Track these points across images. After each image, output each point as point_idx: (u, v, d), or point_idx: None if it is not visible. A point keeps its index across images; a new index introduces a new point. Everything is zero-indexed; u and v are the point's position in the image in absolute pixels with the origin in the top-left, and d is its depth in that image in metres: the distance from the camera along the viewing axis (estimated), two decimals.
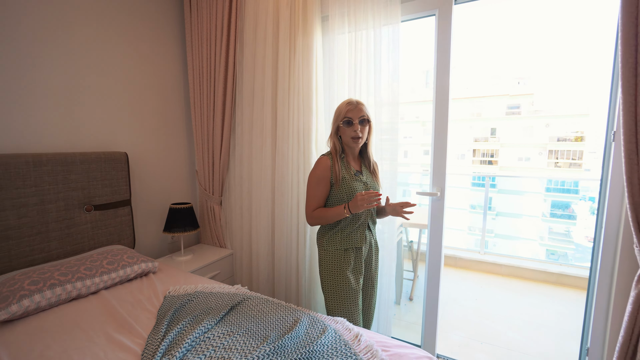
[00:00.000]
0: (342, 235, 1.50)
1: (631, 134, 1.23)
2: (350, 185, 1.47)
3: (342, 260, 1.50)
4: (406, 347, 1.19)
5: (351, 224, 1.49)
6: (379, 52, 1.74)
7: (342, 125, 1.46)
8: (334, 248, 1.51)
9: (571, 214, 16.48)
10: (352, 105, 1.44)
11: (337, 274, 1.50)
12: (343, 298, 1.50)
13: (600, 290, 1.50)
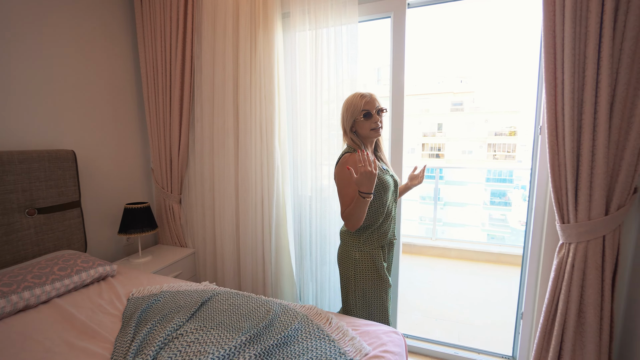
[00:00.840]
0: (379, 233, 1.43)
1: (553, 128, 1.45)
2: (384, 179, 1.40)
3: (379, 259, 1.43)
4: (373, 325, 1.29)
5: (387, 218, 1.44)
6: (339, 50, 1.82)
7: (362, 118, 1.39)
8: (371, 247, 1.42)
9: (507, 201, 18.35)
10: (367, 97, 1.39)
11: (375, 275, 1.42)
12: (383, 299, 1.45)
13: (532, 262, 1.75)
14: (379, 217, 1.42)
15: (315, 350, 1.13)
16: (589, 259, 1.42)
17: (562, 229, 1.47)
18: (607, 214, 1.39)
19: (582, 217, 1.41)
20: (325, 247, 2.02)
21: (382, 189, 1.39)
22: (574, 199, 1.43)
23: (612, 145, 1.36)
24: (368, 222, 1.42)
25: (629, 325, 1.50)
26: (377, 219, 1.42)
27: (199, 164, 2.25)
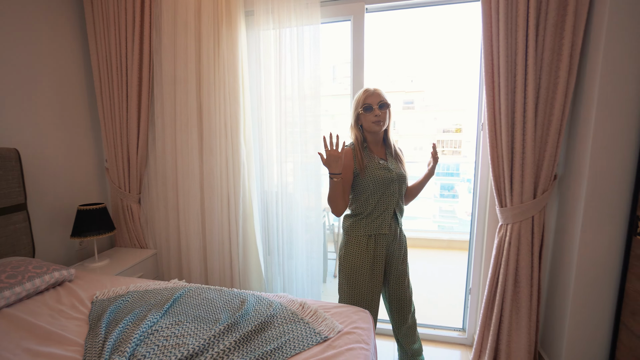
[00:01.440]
0: (366, 222, 1.48)
1: (492, 125, 1.66)
2: (375, 174, 1.45)
3: (365, 247, 1.48)
4: (344, 307, 1.40)
5: (376, 211, 1.48)
6: (302, 50, 1.89)
7: (362, 111, 1.45)
8: (357, 234, 1.49)
9: (455, 194, 19.87)
10: (370, 92, 1.45)
11: (357, 260, 1.49)
12: (359, 285, 1.49)
13: (477, 243, 1.98)
14: (367, 207, 1.48)
15: (291, 332, 1.20)
16: (522, 237, 1.66)
17: (501, 212, 1.70)
18: (534, 197, 1.64)
19: (516, 201, 1.65)
20: (292, 240, 2.09)
21: (370, 181, 1.45)
22: (510, 186, 1.66)
23: (538, 140, 1.61)
24: (357, 210, 1.51)
25: (552, 289, 1.78)
26: (366, 208, 1.48)
27: (160, 162, 2.19)
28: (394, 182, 1.47)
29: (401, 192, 1.51)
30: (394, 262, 1.56)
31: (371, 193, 1.46)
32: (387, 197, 1.47)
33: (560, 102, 1.54)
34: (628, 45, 1.40)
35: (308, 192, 2.02)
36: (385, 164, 1.48)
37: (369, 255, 1.48)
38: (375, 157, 1.49)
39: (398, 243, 1.55)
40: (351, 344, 1.14)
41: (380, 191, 1.46)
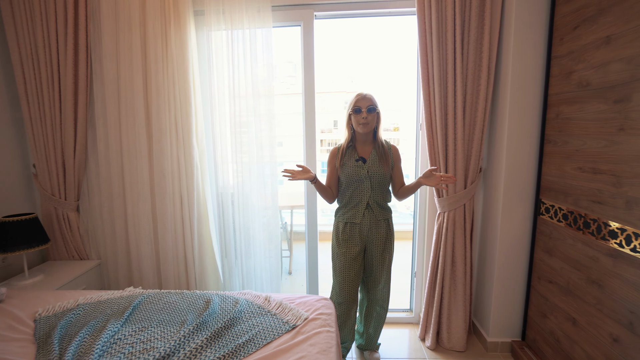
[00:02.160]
0: (344, 211, 1.71)
1: (429, 126, 1.89)
2: (348, 171, 1.64)
3: (341, 231, 1.71)
4: (307, 297, 1.49)
5: (350, 203, 1.68)
6: (255, 51, 1.93)
7: (352, 113, 1.62)
8: (337, 220, 1.74)
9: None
10: (361, 96, 1.61)
11: (335, 241, 1.74)
12: (336, 261, 1.73)
13: (419, 231, 2.22)
14: (344, 198, 1.71)
15: (261, 325, 1.26)
16: (457, 222, 1.92)
17: (439, 202, 1.94)
18: (465, 187, 1.90)
19: (451, 191, 1.90)
20: (249, 239, 2.11)
21: (345, 177, 1.66)
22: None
23: (466, 138, 1.87)
24: (339, 200, 1.75)
25: (481, 265, 2.08)
26: (343, 199, 1.72)
27: (104, 165, 2.05)
28: (366, 179, 1.63)
29: (375, 188, 1.65)
30: (373, 249, 1.71)
31: (346, 187, 1.68)
32: (360, 192, 1.65)
33: (482, 106, 1.81)
34: (530, 61, 1.72)
35: (265, 191, 2.06)
36: (360, 163, 1.65)
37: (344, 238, 1.69)
38: (355, 156, 1.66)
39: (376, 233, 1.69)
40: (317, 329, 1.24)
41: (353, 186, 1.65)
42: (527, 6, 1.69)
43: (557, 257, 1.63)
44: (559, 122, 1.62)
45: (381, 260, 1.72)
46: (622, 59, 1.27)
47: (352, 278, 1.70)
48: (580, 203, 1.48)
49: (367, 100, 1.60)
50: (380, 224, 1.69)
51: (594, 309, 1.40)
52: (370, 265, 1.75)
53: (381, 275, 1.75)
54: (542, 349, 1.75)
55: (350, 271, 1.69)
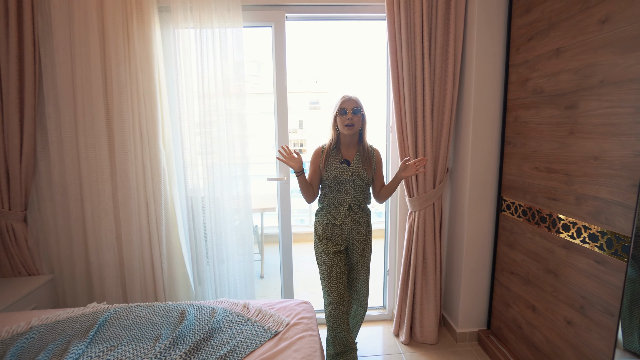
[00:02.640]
0: (325, 212, 1.69)
1: (400, 128, 1.95)
2: (332, 173, 1.63)
3: (322, 231, 1.70)
4: (287, 301, 1.47)
5: (332, 204, 1.67)
6: (225, 51, 1.87)
7: (338, 114, 1.61)
8: (319, 220, 1.73)
9: None
10: (347, 98, 1.61)
11: (317, 240, 1.72)
12: (320, 262, 1.71)
13: (391, 229, 2.29)
14: (326, 199, 1.70)
15: (242, 334, 1.23)
16: (427, 220, 2.00)
17: (410, 201, 2.02)
18: (434, 187, 1.99)
19: (421, 191, 1.97)
20: (221, 244, 2.05)
21: (328, 178, 1.65)
22: (416, 179, 1.97)
23: (435, 139, 1.96)
24: (320, 200, 1.74)
25: (449, 260, 2.19)
26: (325, 200, 1.70)
27: (57, 171, 1.87)
28: (349, 181, 1.64)
29: (357, 191, 1.66)
30: (354, 249, 1.73)
31: (329, 188, 1.67)
32: (343, 194, 1.65)
33: (449, 109, 1.91)
34: (490, 68, 1.84)
35: (237, 193, 2.01)
36: (344, 166, 1.64)
37: (325, 237, 1.69)
38: (339, 158, 1.66)
39: (356, 235, 1.70)
40: (300, 333, 1.23)
41: (336, 188, 1.65)
42: (486, 17, 1.80)
43: (518, 250, 1.76)
44: (517, 125, 1.75)
45: (361, 260, 1.74)
46: (570, 70, 1.40)
47: (338, 274, 1.66)
48: (537, 200, 1.62)
49: (353, 102, 1.60)
50: (361, 225, 1.71)
51: (551, 296, 1.54)
52: (350, 265, 1.76)
53: (360, 273, 1.76)
54: (506, 336, 1.88)
55: (335, 267, 1.67)
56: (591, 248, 1.31)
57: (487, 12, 1.80)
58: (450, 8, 1.82)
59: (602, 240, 1.27)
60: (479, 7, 1.79)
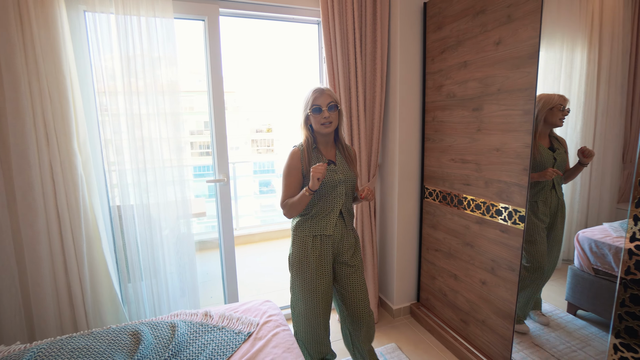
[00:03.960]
0: (312, 222, 1.46)
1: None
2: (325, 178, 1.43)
3: (310, 246, 1.45)
4: (249, 303, 1.44)
5: (321, 212, 1.45)
6: (155, 43, 1.70)
7: (311, 113, 1.40)
8: (303, 234, 1.46)
9: (272, 189, 21.74)
10: (319, 92, 1.40)
11: (303, 259, 1.45)
12: (307, 282, 1.45)
13: None
14: (312, 208, 1.46)
15: (212, 342, 1.16)
16: (364, 211, 2.19)
17: None
18: (369, 180, 2.19)
19: (358, 184, 2.15)
20: (157, 256, 1.85)
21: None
22: None
23: (368, 138, 2.16)
24: (305, 212, 1.48)
25: (382, 245, 2.44)
26: (311, 209, 1.46)
27: None
28: (340, 184, 1.46)
29: (348, 194, 1.50)
30: (342, 260, 1.52)
31: (316, 195, 1.45)
32: (333, 199, 1.46)
33: (378, 110, 2.13)
34: (411, 75, 2.12)
35: (175, 199, 1.85)
36: (333, 167, 1.47)
37: (315, 253, 1.45)
38: (323, 159, 1.48)
39: (347, 243, 1.52)
40: (273, 330, 1.24)
41: (325, 192, 1.45)
42: (406, 31, 2.07)
43: (440, 230, 2.09)
44: (435, 124, 2.07)
45: (352, 266, 1.53)
46: (475, 79, 1.74)
47: (326, 319, 1.50)
48: (454, 186, 1.95)
49: (327, 96, 1.40)
50: (349, 233, 1.53)
51: (469, 264, 1.88)
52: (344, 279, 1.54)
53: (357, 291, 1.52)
54: (434, 304, 2.20)
55: (327, 308, 1.48)
56: (497, 221, 1.66)
57: (406, 26, 2.07)
58: (377, 20, 2.04)
59: (505, 214, 1.62)
60: (401, 21, 2.05)
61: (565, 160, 1.56)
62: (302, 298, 1.47)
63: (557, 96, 1.53)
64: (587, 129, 1.58)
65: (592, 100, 1.55)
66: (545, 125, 1.55)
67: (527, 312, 1.74)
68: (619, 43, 1.55)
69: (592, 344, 1.58)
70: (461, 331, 1.97)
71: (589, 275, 1.58)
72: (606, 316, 1.50)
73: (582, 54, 1.57)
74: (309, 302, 1.47)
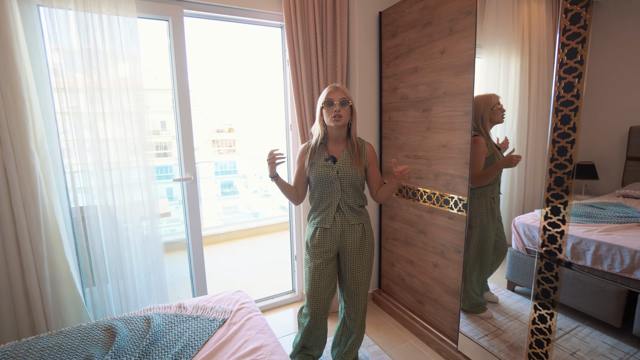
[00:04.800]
0: (315, 214, 1.59)
1: (301, 126, 2.20)
2: (318, 171, 1.53)
3: (311, 237, 1.59)
4: (222, 294, 1.51)
5: (320, 206, 1.57)
6: (117, 41, 1.69)
7: (324, 106, 1.50)
8: (309, 226, 1.62)
9: (235, 190, 21.27)
10: (333, 88, 1.51)
11: (305, 247, 1.64)
12: (305, 269, 1.62)
13: (297, 218, 2.53)
14: (313, 201, 1.60)
15: (189, 330, 1.22)
16: None
17: None
18: None
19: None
20: (124, 257, 1.84)
21: (313, 177, 1.55)
22: None
23: None
24: (310, 202, 1.63)
25: None
26: (312, 201, 1.61)
27: None
28: (336, 180, 1.52)
29: (346, 190, 1.53)
30: (348, 251, 1.57)
31: (315, 188, 1.57)
32: (329, 194, 1.53)
33: None
34: (369, 78, 2.29)
35: (142, 199, 1.85)
36: (329, 163, 1.53)
37: (314, 243, 1.57)
38: (325, 155, 1.55)
39: (350, 237, 1.55)
40: (247, 315, 1.32)
41: (321, 187, 1.54)
42: (364, 37, 2.24)
43: (398, 221, 2.28)
44: (391, 124, 2.26)
45: (358, 261, 1.58)
46: (425, 83, 1.94)
47: (321, 288, 1.58)
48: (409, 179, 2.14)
49: (340, 92, 1.49)
50: (355, 229, 1.56)
51: (423, 250, 2.08)
52: (343, 271, 1.63)
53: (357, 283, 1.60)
54: (393, 289, 2.40)
55: (320, 279, 1.57)
56: (445, 209, 1.88)
57: (364, 33, 2.23)
58: (337, 26, 2.18)
59: (451, 203, 1.84)
60: (359, 28, 2.21)
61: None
62: (308, 279, 1.61)
63: (494, 96, 1.75)
64: (522, 128, 1.83)
65: (525, 103, 1.81)
66: (491, 124, 1.78)
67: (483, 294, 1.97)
68: (544, 54, 1.82)
69: (524, 313, 1.84)
70: (418, 311, 2.17)
71: (523, 254, 1.84)
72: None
73: (516, 62, 1.82)
74: (307, 290, 1.61)
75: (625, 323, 1.35)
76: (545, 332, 1.41)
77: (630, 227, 1.33)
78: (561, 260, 1.34)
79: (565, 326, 1.46)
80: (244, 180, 20.97)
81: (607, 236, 1.34)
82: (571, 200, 1.29)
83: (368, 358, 1.94)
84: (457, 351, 1.84)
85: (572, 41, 1.21)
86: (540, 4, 1.52)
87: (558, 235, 1.32)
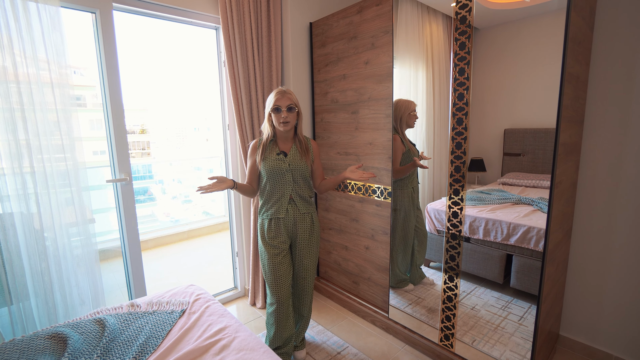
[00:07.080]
0: (267, 207, 1.71)
1: (240, 126, 2.29)
2: (271, 164, 1.64)
3: (267, 229, 1.70)
4: (175, 289, 1.53)
5: (272, 197, 1.68)
6: (37, 31, 1.55)
7: (272, 112, 1.62)
8: (262, 219, 1.73)
9: (151, 196, 19.43)
10: (280, 95, 1.61)
11: (262, 241, 1.73)
12: (264, 262, 1.72)
13: (237, 217, 2.59)
14: (265, 193, 1.71)
15: (148, 324, 1.24)
16: None
17: None
18: None
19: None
20: (51, 268, 1.68)
21: (265, 170, 1.67)
22: None
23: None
24: (261, 196, 1.75)
25: None
26: (264, 194, 1.72)
27: None
28: (287, 172, 1.66)
29: (297, 181, 1.69)
30: (299, 241, 1.74)
31: (267, 181, 1.69)
32: (282, 185, 1.67)
33: None
34: (302, 82, 2.49)
35: (73, 203, 1.72)
36: (281, 157, 1.67)
37: (271, 235, 1.70)
38: (276, 150, 1.69)
39: (301, 226, 1.72)
40: (205, 304, 1.39)
41: (273, 179, 1.67)
42: (297, 44, 2.43)
43: (332, 212, 2.53)
44: (323, 124, 2.50)
45: (307, 250, 1.76)
46: (352, 89, 2.22)
47: (282, 275, 1.70)
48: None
49: (287, 98, 1.61)
50: (305, 217, 1.73)
51: (355, 235, 2.37)
52: (295, 260, 1.79)
53: (304, 270, 1.78)
54: (331, 275, 2.64)
55: (280, 267, 1.69)
56: (374, 198, 2.19)
57: (297, 40, 2.43)
58: (271, 32, 2.33)
59: (378, 192, 2.15)
60: (292, 36, 2.39)
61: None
62: (268, 270, 1.71)
63: (413, 103, 2.11)
64: (429, 129, 2.22)
65: (430, 108, 2.21)
66: (406, 126, 2.13)
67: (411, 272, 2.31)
68: (444, 69, 2.24)
69: (437, 283, 2.26)
70: (354, 291, 2.45)
71: (435, 235, 2.24)
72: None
73: (423, 73, 2.20)
74: (270, 281, 1.72)
75: (505, 279, 1.80)
76: (452, 298, 1.79)
77: (507, 206, 1.78)
78: (462, 236, 1.72)
79: (467, 289, 1.87)
80: (160, 186, 19.33)
81: (492, 214, 1.77)
82: (466, 185, 1.68)
83: (313, 337, 2.13)
84: (389, 319, 2.16)
85: (461, 62, 1.59)
86: (439, 26, 1.90)
87: (459, 211, 1.70)
